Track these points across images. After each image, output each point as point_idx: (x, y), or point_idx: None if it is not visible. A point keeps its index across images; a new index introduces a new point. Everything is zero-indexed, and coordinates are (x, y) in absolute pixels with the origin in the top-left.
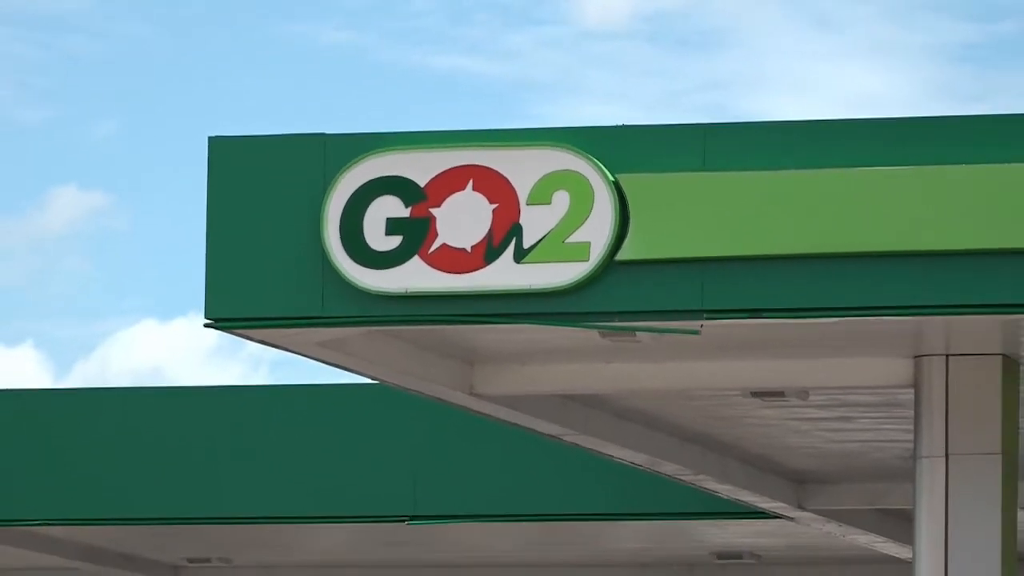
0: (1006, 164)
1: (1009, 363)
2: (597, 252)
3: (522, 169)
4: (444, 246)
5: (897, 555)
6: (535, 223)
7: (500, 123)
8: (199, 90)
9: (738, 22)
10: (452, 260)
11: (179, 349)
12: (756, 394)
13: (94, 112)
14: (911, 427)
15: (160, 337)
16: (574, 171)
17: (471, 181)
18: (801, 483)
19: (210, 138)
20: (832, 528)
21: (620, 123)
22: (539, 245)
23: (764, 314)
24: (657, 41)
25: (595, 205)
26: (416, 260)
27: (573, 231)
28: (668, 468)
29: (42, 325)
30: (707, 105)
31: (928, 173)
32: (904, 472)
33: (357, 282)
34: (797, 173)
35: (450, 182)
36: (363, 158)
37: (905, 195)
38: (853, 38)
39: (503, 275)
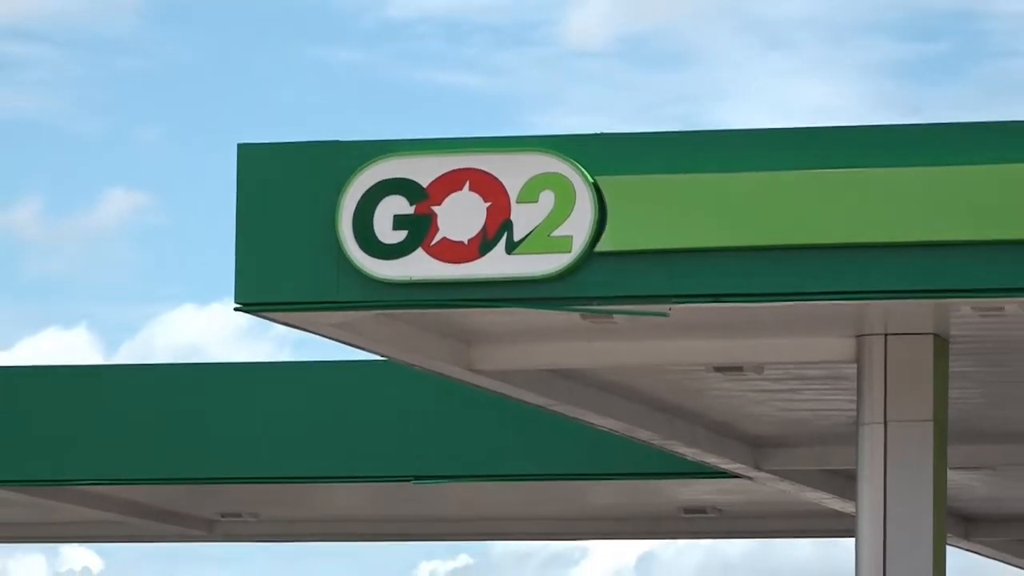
0: (938, 167)
1: (940, 342)
2: (578, 244)
3: (512, 172)
4: (444, 239)
5: (842, 509)
6: (524, 219)
7: (493, 131)
8: (230, 102)
9: (703, 43)
10: (451, 252)
11: (214, 330)
12: (718, 369)
13: (139, 122)
14: (854, 397)
15: (198, 319)
16: (558, 173)
17: (468, 182)
18: (758, 447)
19: (239, 145)
20: (786, 486)
21: (599, 131)
22: (528, 238)
23: (725, 299)
24: (632, 59)
25: (576, 203)
26: (419, 252)
27: (557, 226)
28: (641, 434)
29: (94, 309)
30: (676, 116)
31: (869, 175)
32: (848, 437)
33: (368, 271)
34: (754, 175)
35: (449, 183)
36: (373, 162)
37: (847, 194)
38: (802, 57)
39: (496, 265)
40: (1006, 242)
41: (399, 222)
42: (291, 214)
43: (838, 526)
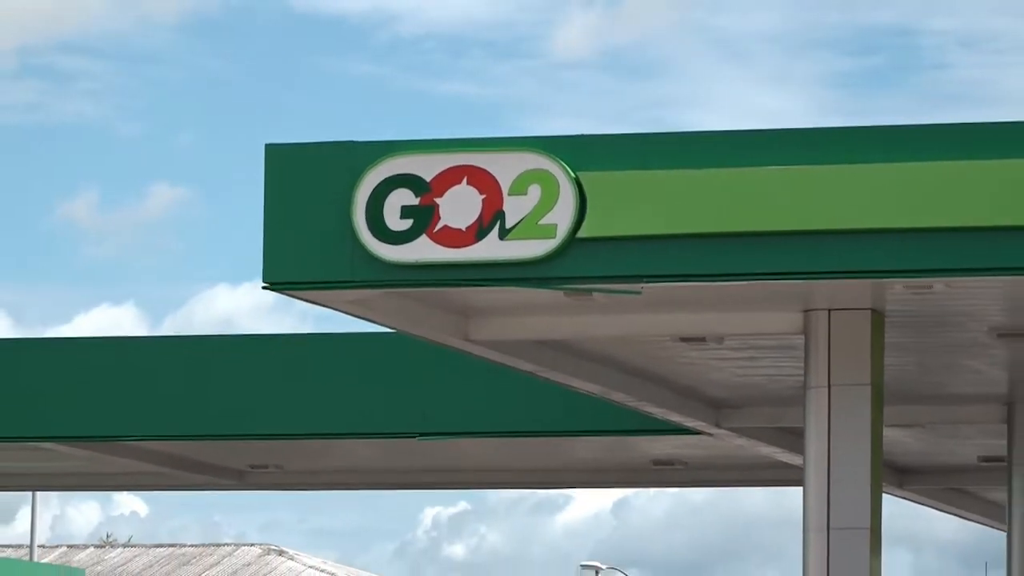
0: (874, 164)
1: (877, 316)
2: (562, 231)
3: (505, 168)
4: (445, 227)
5: (791, 462)
6: (514, 209)
7: (488, 133)
8: (258, 108)
9: (673, 56)
10: (451, 238)
11: (245, 306)
12: (684, 339)
13: (178, 126)
14: (802, 364)
15: (231, 297)
16: (544, 169)
17: (465, 177)
18: (718, 407)
19: (267, 145)
20: (742, 442)
21: (580, 133)
22: (518, 226)
23: (690, 278)
24: (610, 71)
25: (560, 195)
26: (424, 238)
27: (544, 215)
28: (617, 396)
29: (141, 288)
30: (649, 120)
31: (815, 172)
32: (797, 399)
33: (378, 254)
34: (716, 171)
35: (449, 178)
36: (383, 159)
37: (796, 188)
38: (759, 68)
39: (490, 249)
40: (934, 229)
41: (406, 212)
42: (311, 205)
43: (788, 476)
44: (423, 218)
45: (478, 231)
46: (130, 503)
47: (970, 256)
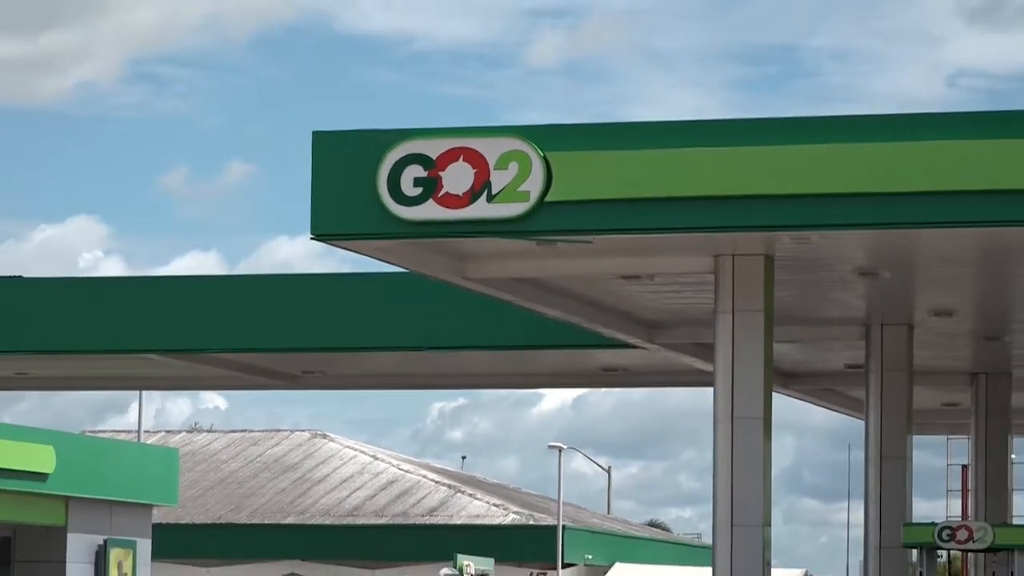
0: (766, 146)
1: (768, 260)
2: (534, 197)
3: (491, 149)
4: (446, 193)
5: (705, 368)
6: (499, 180)
7: (479, 123)
8: (308, 104)
9: (618, 65)
10: (451, 201)
11: (300, 253)
12: (624, 277)
13: (248, 118)
14: (713, 296)
15: (289, 246)
16: (521, 150)
17: (462, 156)
18: (652, 328)
19: (314, 132)
20: (669, 354)
21: (548, 123)
22: (501, 192)
23: (630, 231)
24: (571, 76)
25: (533, 170)
26: (430, 201)
27: (520, 184)
28: (575, 319)
29: (222, 239)
30: (600, 113)
31: (723, 152)
32: (709, 321)
33: (397, 214)
34: (650, 152)
35: (450, 156)
36: (400, 142)
37: (709, 164)
38: (682, 75)
39: (481, 210)
40: (812, 195)
41: (417, 182)
42: (347, 176)
43: (703, 380)
44: (430, 187)
45: (471, 196)
46: (213, 399)
47: (839, 215)
